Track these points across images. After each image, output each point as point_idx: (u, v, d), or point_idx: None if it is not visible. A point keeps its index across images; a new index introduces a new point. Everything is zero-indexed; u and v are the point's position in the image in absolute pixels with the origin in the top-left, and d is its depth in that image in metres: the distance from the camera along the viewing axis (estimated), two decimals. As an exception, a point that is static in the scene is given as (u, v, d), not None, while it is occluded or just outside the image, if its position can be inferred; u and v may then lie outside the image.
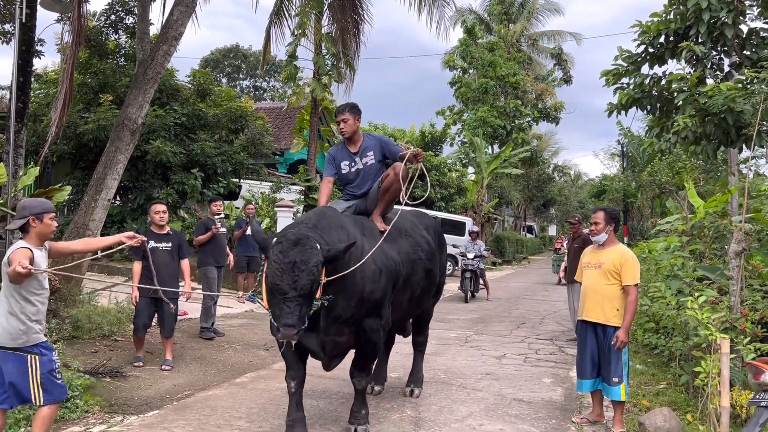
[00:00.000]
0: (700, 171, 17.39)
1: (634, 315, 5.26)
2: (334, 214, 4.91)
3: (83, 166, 14.22)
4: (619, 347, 5.15)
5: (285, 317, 4.01)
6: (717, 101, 6.44)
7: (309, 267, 4.05)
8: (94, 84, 14.34)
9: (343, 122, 5.48)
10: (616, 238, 5.49)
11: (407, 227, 5.55)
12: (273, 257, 4.13)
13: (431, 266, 5.67)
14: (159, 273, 6.91)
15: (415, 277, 5.38)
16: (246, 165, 16.10)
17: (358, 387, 4.97)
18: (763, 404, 4.09)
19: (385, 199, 5.38)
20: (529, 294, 17.32)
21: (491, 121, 29.56)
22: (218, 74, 50.44)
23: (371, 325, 4.77)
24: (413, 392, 6.14)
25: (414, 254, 5.38)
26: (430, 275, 5.69)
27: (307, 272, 4.04)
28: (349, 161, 5.55)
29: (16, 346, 3.91)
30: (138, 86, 9.02)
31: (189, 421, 5.18)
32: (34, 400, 3.95)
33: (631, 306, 5.19)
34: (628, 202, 27.12)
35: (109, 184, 8.77)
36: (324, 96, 16.24)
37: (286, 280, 4.02)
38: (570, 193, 53.44)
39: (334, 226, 4.70)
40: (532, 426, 5.39)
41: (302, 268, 4.03)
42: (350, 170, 5.56)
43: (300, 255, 4.08)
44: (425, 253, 5.56)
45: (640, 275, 5.92)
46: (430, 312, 6.43)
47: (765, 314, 5.87)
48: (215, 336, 8.78)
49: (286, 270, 4.04)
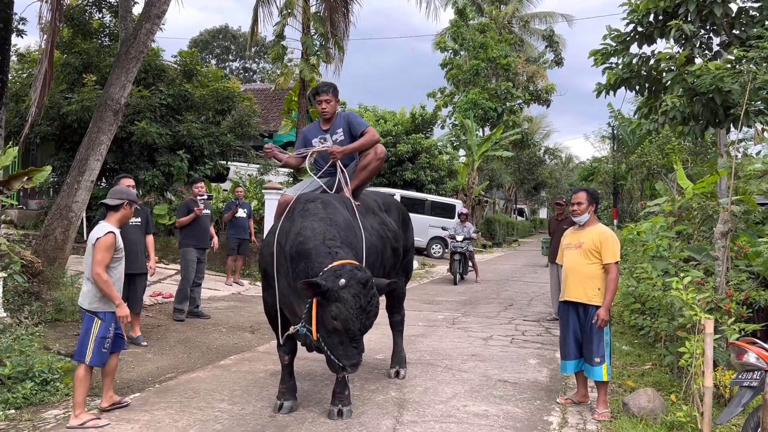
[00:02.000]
0: (689, 153, 17.39)
1: (614, 293, 5.24)
2: (336, 213, 4.88)
3: (67, 148, 14.00)
4: (600, 325, 5.14)
5: (353, 357, 4.28)
6: (705, 81, 6.39)
7: (377, 310, 4.26)
8: (77, 64, 14.08)
9: (326, 103, 5.43)
10: (596, 218, 5.46)
11: (373, 206, 5.62)
12: (346, 302, 4.16)
13: (396, 245, 5.74)
14: (131, 248, 6.88)
15: (386, 254, 5.46)
16: (233, 147, 15.92)
17: None
18: (746, 384, 4.08)
19: (360, 177, 5.37)
20: (518, 276, 17.35)
21: (482, 103, 29.40)
22: (207, 55, 49.90)
23: None
24: (399, 373, 6.15)
25: (382, 231, 5.46)
26: (396, 253, 5.76)
27: (375, 315, 4.26)
28: (320, 137, 5.52)
29: (91, 309, 4.72)
30: (120, 65, 8.85)
31: (170, 404, 5.14)
32: (85, 357, 4.66)
33: (611, 284, 5.17)
34: (617, 185, 27.10)
35: (92, 166, 8.65)
36: (312, 77, 16.05)
37: (360, 324, 4.20)
38: (561, 176, 53.50)
39: (347, 230, 4.81)
40: (516, 407, 5.38)
41: (374, 312, 4.25)
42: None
43: (371, 298, 4.23)
44: (391, 232, 5.64)
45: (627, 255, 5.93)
46: (403, 290, 6.46)
47: (750, 295, 5.87)
48: (200, 318, 8.73)
49: (360, 315, 4.18)
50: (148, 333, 7.75)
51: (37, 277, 7.99)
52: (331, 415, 4.85)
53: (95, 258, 4.70)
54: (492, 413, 5.17)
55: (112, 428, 4.55)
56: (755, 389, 3.98)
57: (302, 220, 4.77)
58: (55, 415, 4.85)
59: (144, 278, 7.30)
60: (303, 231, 4.67)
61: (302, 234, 4.65)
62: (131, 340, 7.06)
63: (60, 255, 8.46)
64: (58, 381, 5.34)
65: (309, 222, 4.72)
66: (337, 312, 4.16)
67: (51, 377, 5.30)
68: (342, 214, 4.93)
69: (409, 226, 6.32)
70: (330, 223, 4.72)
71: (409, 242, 6.29)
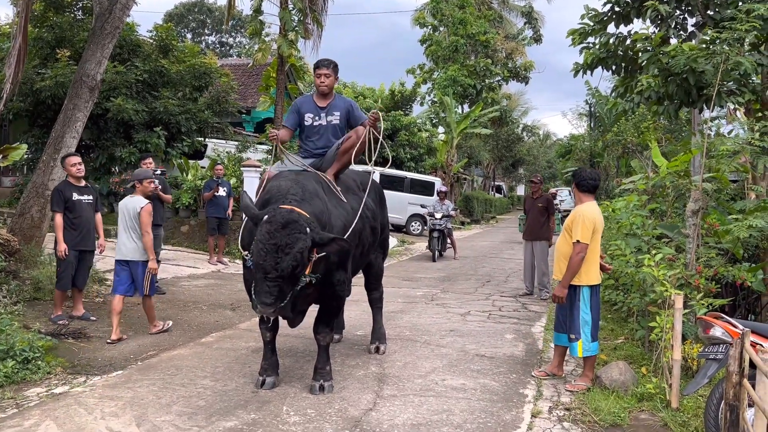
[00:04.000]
0: (664, 131, 17.62)
1: (573, 272, 5.26)
2: (309, 182, 4.97)
3: (41, 124, 13.76)
4: (554, 301, 5.34)
5: (264, 295, 4.22)
6: (679, 61, 6.50)
7: (293, 252, 4.17)
8: (50, 38, 13.76)
9: (325, 77, 5.46)
10: (585, 197, 5.52)
11: (352, 186, 5.67)
12: (259, 236, 4.25)
13: (375, 223, 5.84)
14: (85, 225, 7.04)
15: (365, 233, 5.54)
16: (211, 124, 15.76)
17: (321, 343, 5.12)
18: (711, 357, 4.25)
19: (342, 160, 5.42)
20: (496, 253, 17.56)
21: (461, 80, 29.37)
22: (183, 29, 48.99)
23: (339, 278, 4.99)
24: (378, 349, 6.28)
25: (362, 211, 5.49)
26: (375, 231, 5.87)
27: (291, 256, 4.16)
28: (314, 114, 5.53)
29: (143, 259, 6.48)
30: (96, 41, 8.71)
31: (153, 381, 5.19)
32: (147, 291, 6.56)
33: (571, 262, 5.26)
34: (594, 162, 27.42)
35: (68, 143, 8.54)
36: (291, 53, 15.89)
37: (270, 261, 4.17)
38: (539, 153, 53.82)
39: (314, 196, 4.82)
40: (493, 380, 5.53)
41: (287, 252, 4.16)
42: (312, 123, 5.53)
43: (286, 239, 4.19)
44: (370, 211, 5.71)
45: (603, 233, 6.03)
46: (381, 267, 6.56)
47: (719, 271, 6.06)
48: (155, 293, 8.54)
49: (270, 251, 4.17)
50: (128, 311, 7.77)
51: (14, 256, 7.92)
52: (313, 390, 4.97)
53: (144, 221, 6.43)
54: (469, 387, 5.32)
55: (96, 406, 4.60)
56: (720, 362, 4.15)
57: (274, 182, 4.97)
58: (38, 393, 4.88)
59: (92, 256, 7.38)
60: (270, 189, 4.91)
61: (269, 192, 4.87)
62: (79, 318, 7.12)
63: (37, 233, 8.39)
64: (39, 359, 5.35)
65: (277, 182, 4.96)
66: (254, 246, 4.30)
67: (32, 355, 5.32)
68: (313, 185, 4.97)
69: (384, 204, 6.41)
70: (296, 184, 4.81)
71: (385, 219, 6.40)
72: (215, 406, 4.65)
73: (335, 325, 6.01)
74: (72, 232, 6.96)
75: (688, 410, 4.80)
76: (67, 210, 6.95)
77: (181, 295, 9.04)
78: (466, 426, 4.45)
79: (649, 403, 4.99)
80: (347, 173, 5.74)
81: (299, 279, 4.35)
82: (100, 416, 4.40)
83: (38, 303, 7.48)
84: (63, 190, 7.02)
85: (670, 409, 4.82)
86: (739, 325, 4.19)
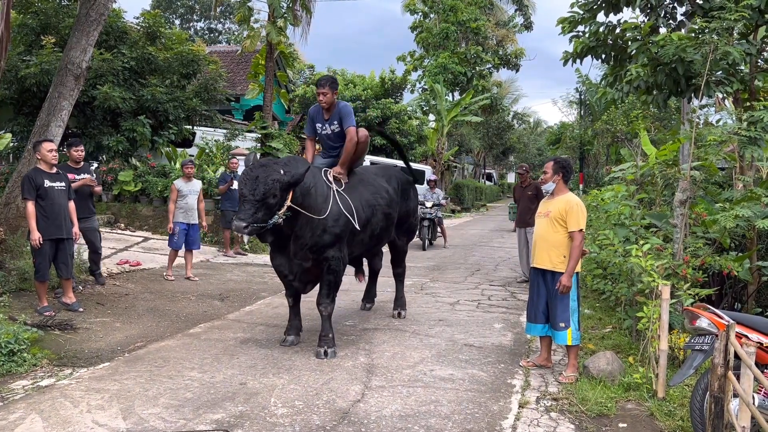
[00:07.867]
0: (653, 120, 17.65)
1: (577, 261, 5.36)
2: (303, 160, 5.89)
3: (27, 112, 13.59)
4: (562, 291, 5.30)
5: (241, 213, 5.22)
6: (668, 51, 6.47)
7: (267, 180, 5.20)
8: (35, 24, 13.57)
9: (323, 95, 6.24)
10: (565, 187, 5.56)
11: (368, 178, 6.58)
12: (243, 173, 5.37)
13: (390, 210, 6.65)
14: (59, 213, 6.82)
15: (375, 219, 6.36)
16: (199, 111, 15.63)
17: (324, 313, 5.85)
18: (698, 348, 4.27)
19: (344, 158, 6.24)
20: (485, 241, 17.59)
21: (452, 67, 29.28)
22: (170, 15, 48.45)
23: (333, 254, 5.78)
24: (400, 314, 7.45)
25: (374, 200, 6.36)
26: (389, 218, 6.69)
27: (263, 183, 5.18)
28: (322, 125, 6.44)
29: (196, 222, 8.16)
30: (81, 28, 8.58)
31: (140, 373, 5.16)
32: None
33: (574, 252, 5.31)
34: (584, 150, 27.45)
35: (54, 132, 8.43)
36: (280, 40, 15.77)
37: (249, 188, 5.21)
38: (529, 141, 53.91)
39: (301, 163, 5.72)
40: (481, 370, 5.54)
41: (261, 180, 5.20)
42: (322, 132, 6.44)
43: (262, 172, 5.27)
44: (384, 200, 6.54)
45: (591, 222, 6.05)
46: (405, 248, 7.61)
47: (706, 260, 6.09)
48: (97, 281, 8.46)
49: (249, 180, 5.23)
50: (115, 302, 7.73)
51: (0, 246, 7.85)
52: (318, 355, 5.72)
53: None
54: (458, 377, 5.33)
55: (82, 398, 4.57)
56: (706, 352, 4.17)
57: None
58: (23, 385, 4.84)
59: (71, 243, 7.08)
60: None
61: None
62: (67, 308, 7.03)
63: (23, 223, 8.28)
64: (25, 351, 5.32)
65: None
66: (239, 179, 5.48)
67: (18, 348, 5.27)
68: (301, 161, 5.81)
69: (408, 194, 7.29)
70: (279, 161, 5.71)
71: (411, 208, 7.37)
72: (203, 398, 4.63)
73: (368, 296, 7.90)
74: (45, 221, 6.70)
75: (674, 400, 4.84)
76: (39, 198, 6.68)
77: (169, 285, 8.99)
78: (453, 417, 4.46)
79: (636, 392, 5.02)
80: (367, 168, 6.99)
81: (273, 210, 5.27)
82: (86, 409, 4.37)
83: (24, 294, 7.42)
84: (34, 177, 6.72)
85: (657, 398, 4.85)
86: (725, 316, 4.21)
